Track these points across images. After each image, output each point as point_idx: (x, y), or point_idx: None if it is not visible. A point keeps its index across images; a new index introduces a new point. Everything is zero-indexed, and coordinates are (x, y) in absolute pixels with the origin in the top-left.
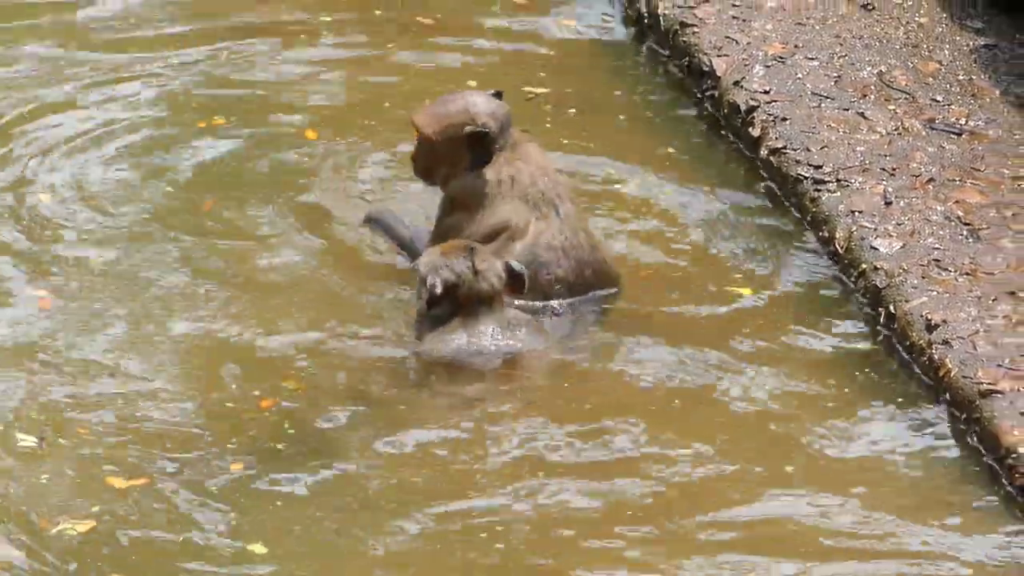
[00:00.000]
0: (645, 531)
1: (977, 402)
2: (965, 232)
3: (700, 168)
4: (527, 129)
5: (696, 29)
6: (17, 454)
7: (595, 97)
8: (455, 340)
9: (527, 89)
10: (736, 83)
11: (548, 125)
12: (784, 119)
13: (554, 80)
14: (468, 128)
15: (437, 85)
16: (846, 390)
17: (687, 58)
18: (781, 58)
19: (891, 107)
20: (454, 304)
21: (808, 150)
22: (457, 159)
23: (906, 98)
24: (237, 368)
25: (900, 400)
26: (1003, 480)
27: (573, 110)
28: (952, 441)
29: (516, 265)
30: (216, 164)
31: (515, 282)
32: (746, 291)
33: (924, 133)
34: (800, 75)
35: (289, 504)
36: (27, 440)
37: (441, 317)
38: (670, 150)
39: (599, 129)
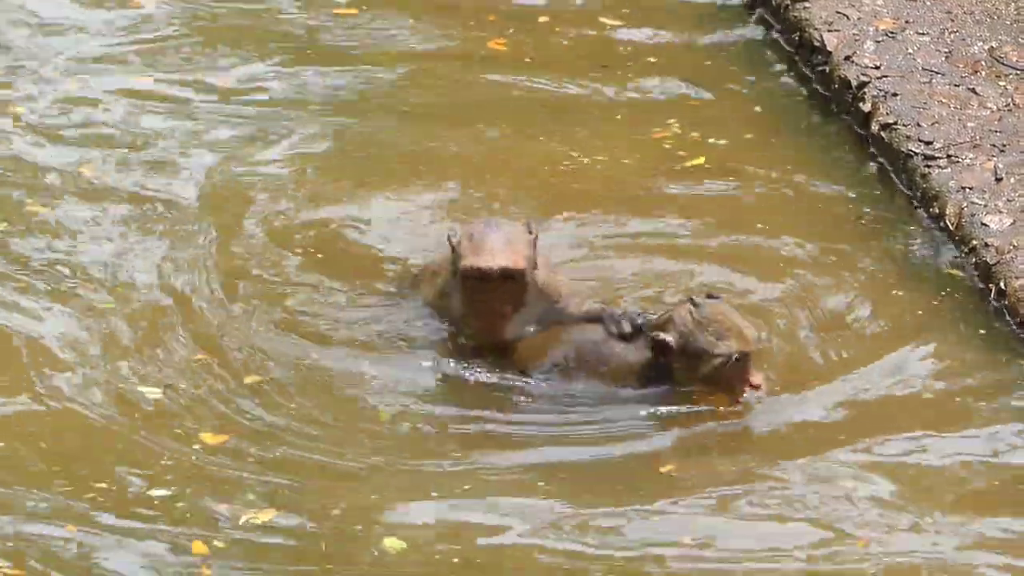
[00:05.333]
0: None
1: None
2: None
3: (808, 143)
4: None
5: (807, 4)
6: None
7: (702, 66)
8: None
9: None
10: (847, 58)
11: (654, 93)
12: (895, 95)
13: (663, 48)
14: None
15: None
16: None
17: (798, 32)
18: (891, 33)
19: (1002, 83)
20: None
21: (919, 126)
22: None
23: (1017, 74)
24: None
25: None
26: None
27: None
28: None
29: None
30: None
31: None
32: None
33: None
34: (911, 50)
35: None
36: None
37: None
38: (779, 125)
39: (705, 99)
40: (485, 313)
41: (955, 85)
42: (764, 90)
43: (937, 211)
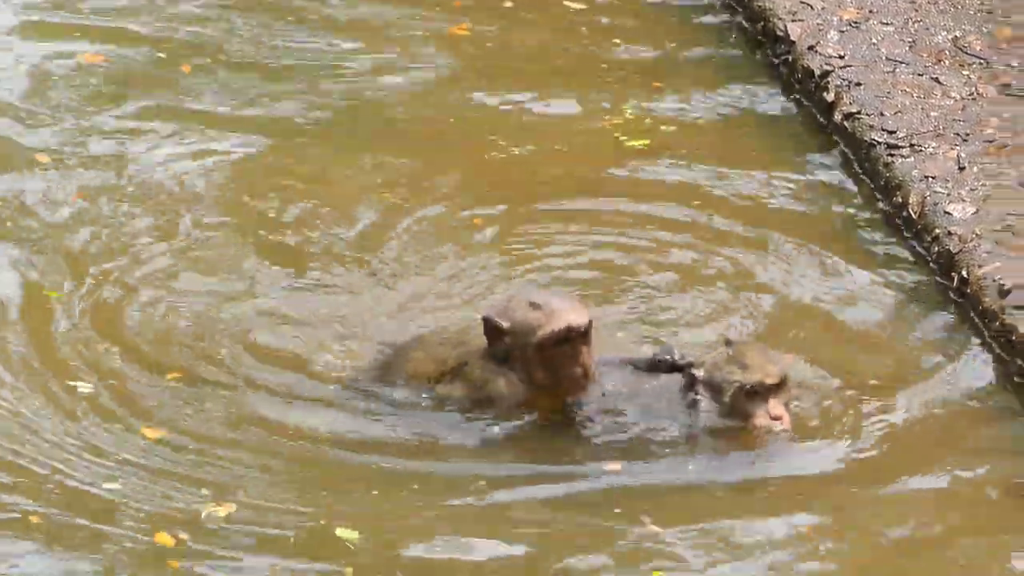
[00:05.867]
0: None
1: None
2: None
3: (772, 132)
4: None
5: None
6: None
7: (668, 52)
8: None
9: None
10: (810, 48)
11: (613, 83)
12: (858, 84)
13: (629, 32)
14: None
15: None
16: (916, 353)
17: (762, 21)
18: (855, 23)
19: (965, 72)
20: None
21: (882, 115)
22: None
23: (980, 63)
24: None
25: (972, 364)
26: None
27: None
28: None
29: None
30: None
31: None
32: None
33: (998, 99)
34: (874, 40)
35: None
36: None
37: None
38: (740, 112)
39: (669, 84)
40: (567, 374)
41: (919, 74)
42: (727, 75)
43: (900, 200)
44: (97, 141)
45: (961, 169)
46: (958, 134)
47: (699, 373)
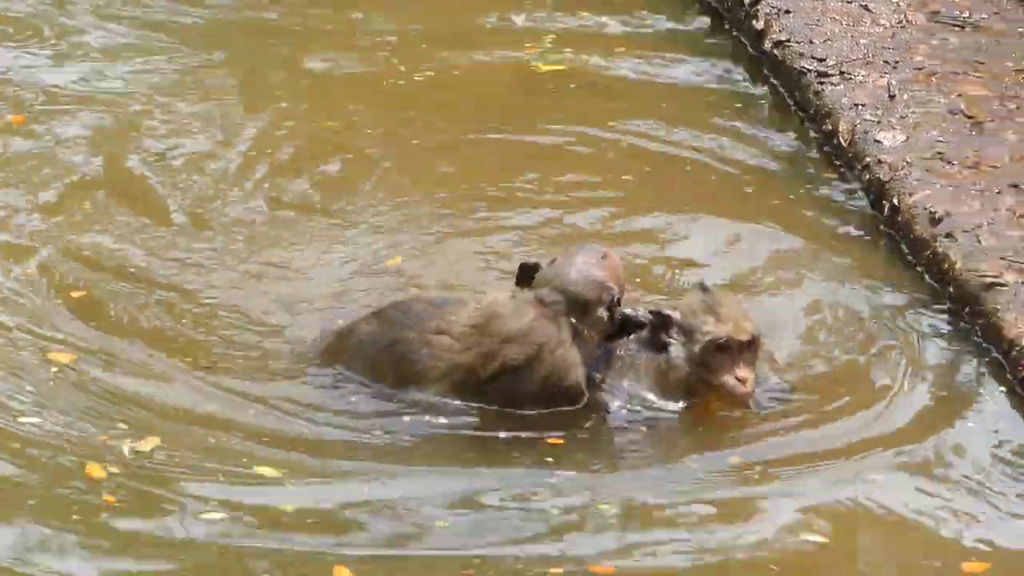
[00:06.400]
0: None
1: (981, 295)
2: (968, 125)
3: (703, 61)
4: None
5: None
6: None
7: None
8: None
9: None
10: None
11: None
12: (787, 12)
13: None
14: None
15: None
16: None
17: None
18: None
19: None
20: None
21: (811, 43)
22: None
23: None
24: None
25: (902, 292)
26: (1007, 374)
27: None
28: (955, 334)
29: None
30: None
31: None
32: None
33: (927, 26)
34: None
35: None
36: None
37: None
38: (671, 42)
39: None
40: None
41: (848, 2)
42: (656, 3)
43: (830, 128)
44: None
45: (891, 97)
46: (887, 61)
47: (674, 314)
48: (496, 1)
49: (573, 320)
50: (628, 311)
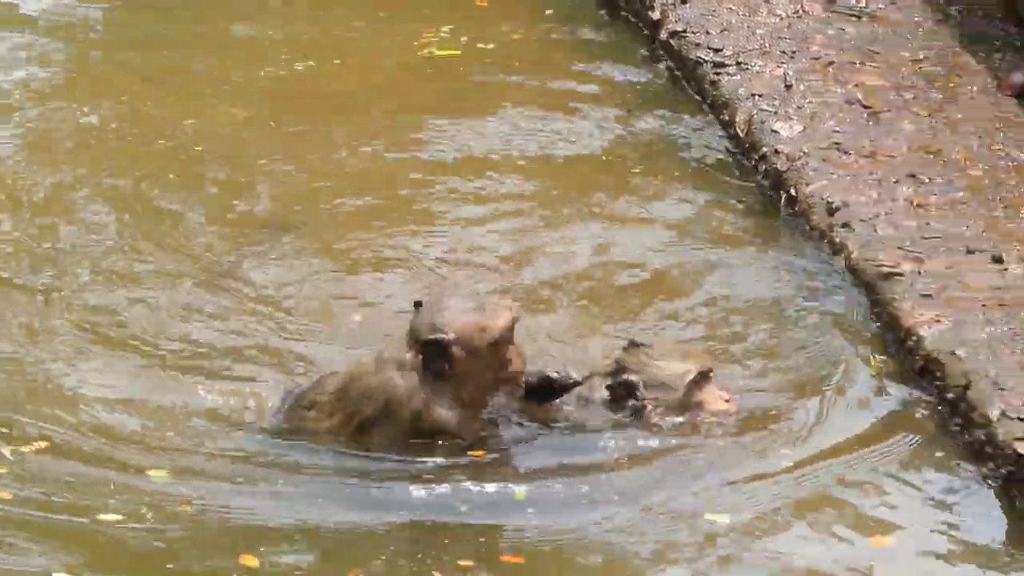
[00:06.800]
0: None
1: (878, 284)
2: (865, 115)
3: (600, 54)
4: None
5: None
6: None
7: None
8: None
9: None
10: None
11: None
12: (684, 2)
13: None
14: None
15: None
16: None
17: None
18: None
19: None
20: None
21: (708, 33)
22: None
23: None
24: None
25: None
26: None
27: None
28: (853, 324)
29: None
30: None
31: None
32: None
33: (824, 16)
34: None
35: None
36: None
37: None
38: (569, 29)
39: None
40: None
41: None
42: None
43: (727, 119)
44: None
45: (788, 87)
46: (784, 52)
47: (633, 378)
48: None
49: (446, 366)
50: (553, 373)
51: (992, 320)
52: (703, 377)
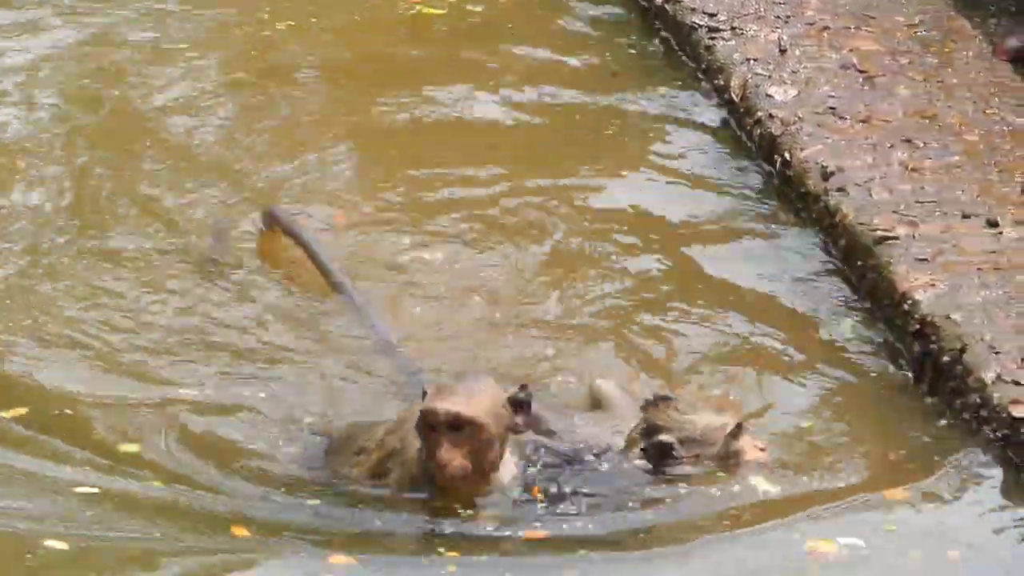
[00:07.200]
0: None
1: (873, 249)
2: (860, 80)
3: (592, 13)
4: None
5: None
6: None
7: None
8: None
9: None
10: None
11: None
12: None
13: None
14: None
15: None
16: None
17: None
18: None
19: None
20: None
21: None
22: None
23: None
24: None
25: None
26: (898, 325)
27: None
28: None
29: None
30: None
31: None
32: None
33: None
34: None
35: None
36: None
37: None
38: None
39: None
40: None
41: None
42: None
43: (722, 83)
44: None
45: (782, 52)
46: (779, 16)
47: (668, 438)
48: None
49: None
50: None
51: (987, 284)
52: (739, 428)
